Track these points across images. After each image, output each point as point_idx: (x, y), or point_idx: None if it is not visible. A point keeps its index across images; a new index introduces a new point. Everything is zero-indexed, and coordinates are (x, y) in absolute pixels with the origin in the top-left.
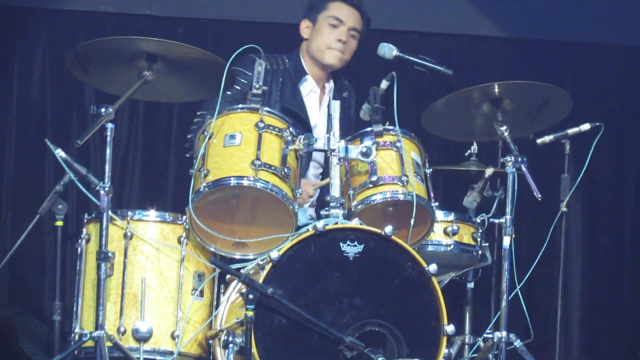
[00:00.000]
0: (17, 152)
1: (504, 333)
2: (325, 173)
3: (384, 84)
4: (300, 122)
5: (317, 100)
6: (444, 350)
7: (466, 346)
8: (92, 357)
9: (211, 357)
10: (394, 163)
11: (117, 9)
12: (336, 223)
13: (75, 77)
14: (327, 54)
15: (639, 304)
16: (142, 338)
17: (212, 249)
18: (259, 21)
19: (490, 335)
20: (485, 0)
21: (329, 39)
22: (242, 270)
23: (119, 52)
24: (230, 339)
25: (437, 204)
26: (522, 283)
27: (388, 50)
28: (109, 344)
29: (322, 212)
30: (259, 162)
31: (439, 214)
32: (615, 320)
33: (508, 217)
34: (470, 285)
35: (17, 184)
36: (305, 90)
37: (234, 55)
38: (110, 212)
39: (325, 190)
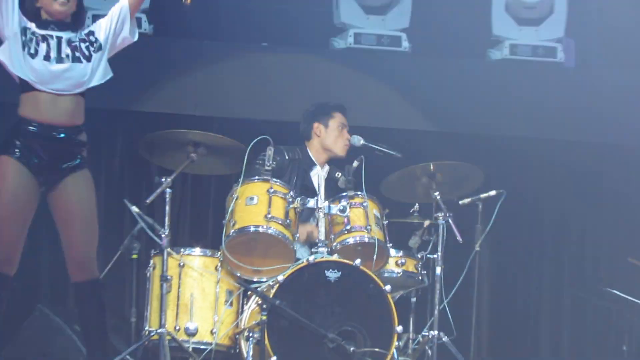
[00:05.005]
0: (106, 209)
1: (436, 332)
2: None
3: (355, 164)
4: (311, 192)
5: (317, 178)
6: (395, 343)
7: (410, 341)
8: (157, 346)
9: (237, 347)
10: (361, 217)
11: (172, 110)
12: (322, 257)
13: (143, 157)
14: (342, 150)
15: (532, 312)
16: (191, 334)
17: (238, 275)
18: (271, 120)
19: (427, 334)
20: (421, 99)
21: (342, 138)
22: (258, 288)
23: (173, 140)
24: (251, 335)
25: (391, 244)
26: (448, 298)
27: (357, 139)
28: (168, 337)
29: (313, 250)
30: (270, 216)
31: (392, 252)
32: (514, 325)
33: (439, 254)
34: (413, 299)
35: (106, 230)
36: (314, 173)
37: (252, 144)
38: (168, 249)
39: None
